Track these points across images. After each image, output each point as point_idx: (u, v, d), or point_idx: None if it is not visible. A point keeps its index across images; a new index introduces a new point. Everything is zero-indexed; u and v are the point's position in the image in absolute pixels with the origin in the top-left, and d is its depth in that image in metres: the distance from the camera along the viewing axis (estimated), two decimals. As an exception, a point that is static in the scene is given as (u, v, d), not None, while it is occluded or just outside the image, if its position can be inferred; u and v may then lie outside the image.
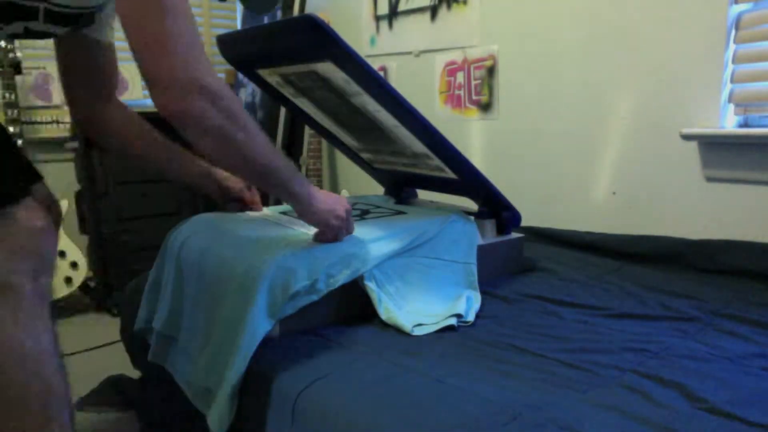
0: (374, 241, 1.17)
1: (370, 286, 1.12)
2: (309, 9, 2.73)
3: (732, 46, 1.38)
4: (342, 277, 1.08)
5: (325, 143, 2.79)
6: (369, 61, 2.56)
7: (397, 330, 1.06)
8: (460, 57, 2.12)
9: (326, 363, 0.91)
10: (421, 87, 2.31)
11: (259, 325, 1.00)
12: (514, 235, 1.48)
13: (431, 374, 0.86)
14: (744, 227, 1.38)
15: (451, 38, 2.14)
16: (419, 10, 2.25)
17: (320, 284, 1.06)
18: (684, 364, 0.89)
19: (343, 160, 2.74)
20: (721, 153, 1.42)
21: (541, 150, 1.86)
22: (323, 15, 2.71)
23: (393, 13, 2.38)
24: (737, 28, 1.38)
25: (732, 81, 1.39)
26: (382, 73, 2.49)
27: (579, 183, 1.76)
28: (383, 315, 1.10)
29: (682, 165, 1.48)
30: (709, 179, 1.44)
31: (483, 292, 1.25)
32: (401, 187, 1.71)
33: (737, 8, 1.37)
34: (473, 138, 2.10)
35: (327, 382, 0.86)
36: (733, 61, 1.39)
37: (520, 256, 1.49)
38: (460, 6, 2.09)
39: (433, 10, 2.19)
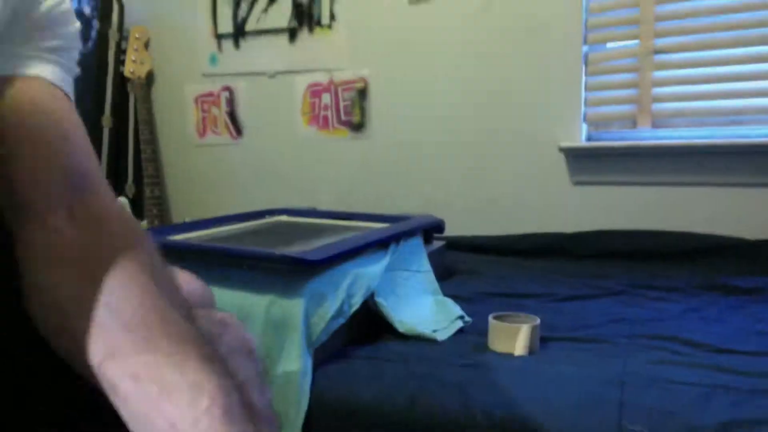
0: (369, 258, 1.18)
1: (381, 302, 1.13)
2: (128, 22, 2.46)
3: (584, 78, 1.76)
4: (360, 297, 1.08)
5: (165, 168, 2.53)
6: (209, 80, 2.44)
7: (416, 338, 1.10)
8: (326, 78, 2.18)
9: (406, 378, 0.92)
10: (278, 108, 2.28)
11: (308, 359, 0.94)
12: (436, 243, 1.61)
13: (505, 368, 0.94)
14: (605, 219, 1.76)
15: (315, 61, 2.18)
16: (273, 31, 2.23)
17: (345, 306, 1.04)
18: (659, 325, 1.13)
19: (187, 186, 2.52)
20: (581, 162, 1.78)
21: (421, 164, 2.04)
22: (142, 29, 2.47)
23: (239, 33, 2.31)
24: (586, 64, 1.76)
25: (586, 105, 1.77)
26: (227, 93, 2.39)
27: (459, 193, 1.98)
28: (400, 328, 1.12)
29: (555, 173, 1.81)
30: (576, 183, 1.80)
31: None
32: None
33: (585, 48, 1.75)
34: (346, 155, 2.18)
35: (425, 393, 0.87)
36: (586, 89, 1.77)
37: (443, 262, 1.63)
38: (324, 30, 2.14)
39: (292, 33, 2.20)
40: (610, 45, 1.76)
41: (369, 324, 1.14)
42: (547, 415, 0.81)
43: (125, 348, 0.38)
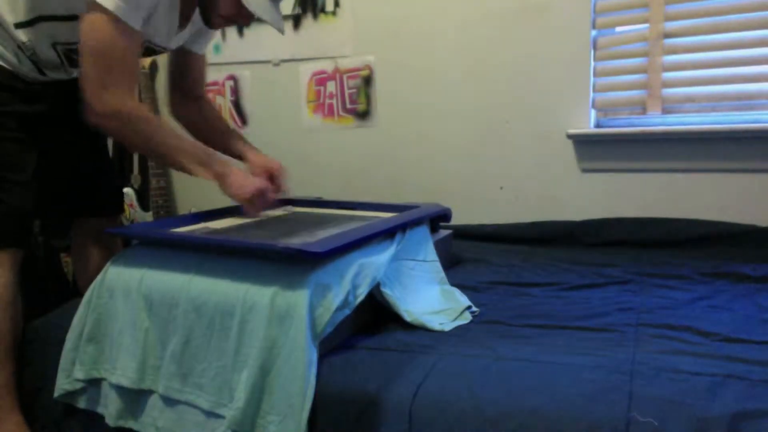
0: (375, 247, 1.17)
1: (387, 292, 1.12)
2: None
3: (592, 63, 1.73)
4: (365, 287, 1.07)
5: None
6: (213, 69, 2.42)
7: (421, 328, 1.09)
8: (330, 66, 2.16)
9: (411, 368, 0.91)
10: (283, 96, 2.27)
11: (313, 351, 0.94)
12: (443, 232, 1.60)
13: (513, 357, 0.93)
14: (613, 207, 1.74)
15: (319, 48, 2.16)
16: (278, 18, 2.21)
17: (350, 297, 1.03)
18: (668, 313, 1.11)
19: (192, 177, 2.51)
20: (590, 149, 1.76)
21: (426, 153, 2.02)
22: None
23: (243, 20, 2.29)
24: (595, 48, 1.73)
25: (594, 90, 1.74)
26: (231, 82, 2.37)
27: (466, 181, 1.96)
28: (407, 318, 1.11)
29: (563, 161, 1.79)
30: (584, 170, 1.78)
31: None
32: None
33: (594, 32, 1.72)
34: (352, 144, 2.16)
35: (431, 383, 0.86)
36: (594, 75, 1.74)
37: (450, 251, 1.62)
38: (328, 17, 2.12)
39: (296, 20, 2.18)
40: (619, 29, 1.73)
41: (374, 314, 1.13)
42: (554, 405, 0.80)
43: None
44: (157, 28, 1.21)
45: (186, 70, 1.48)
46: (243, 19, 1.24)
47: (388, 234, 1.24)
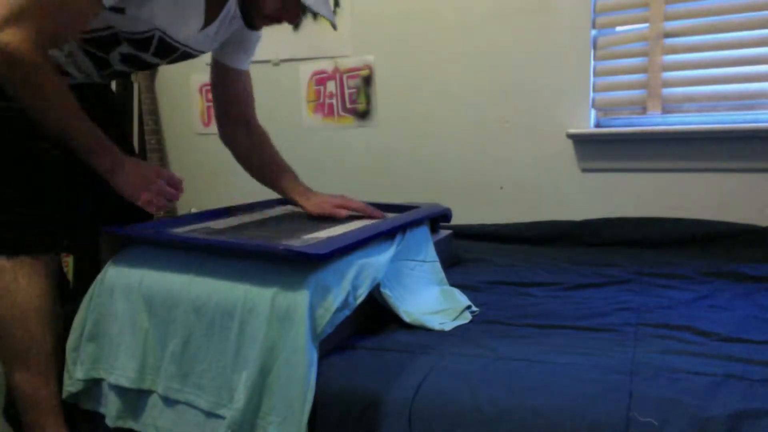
0: (375, 248, 1.17)
1: (387, 292, 1.12)
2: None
3: (592, 63, 1.73)
4: (365, 288, 1.07)
5: (170, 158, 2.53)
6: (212, 69, 2.41)
7: (421, 328, 1.09)
8: (330, 66, 2.16)
9: (411, 368, 0.91)
10: (284, 96, 2.27)
11: (313, 352, 0.94)
12: (443, 232, 1.60)
13: (513, 357, 0.93)
14: (614, 206, 1.74)
15: (319, 48, 2.16)
16: (278, 18, 2.21)
17: (350, 298, 1.03)
18: (668, 313, 1.11)
19: (193, 176, 2.52)
20: (590, 149, 1.76)
21: (426, 153, 2.02)
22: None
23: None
24: (595, 48, 1.73)
25: (594, 90, 1.74)
26: (231, 82, 2.37)
27: (466, 181, 1.96)
28: (406, 318, 1.11)
29: (563, 161, 1.79)
30: (584, 170, 1.78)
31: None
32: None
33: (594, 32, 1.72)
34: (352, 143, 2.16)
35: (431, 383, 0.86)
36: (594, 75, 1.74)
37: (450, 251, 1.62)
38: (328, 17, 2.12)
39: (296, 20, 2.18)
40: (619, 29, 1.73)
41: (374, 314, 1.13)
42: (554, 405, 0.80)
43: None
44: (169, 15, 1.05)
45: (226, 89, 1.36)
46: (290, 15, 1.10)
47: (388, 234, 1.24)
